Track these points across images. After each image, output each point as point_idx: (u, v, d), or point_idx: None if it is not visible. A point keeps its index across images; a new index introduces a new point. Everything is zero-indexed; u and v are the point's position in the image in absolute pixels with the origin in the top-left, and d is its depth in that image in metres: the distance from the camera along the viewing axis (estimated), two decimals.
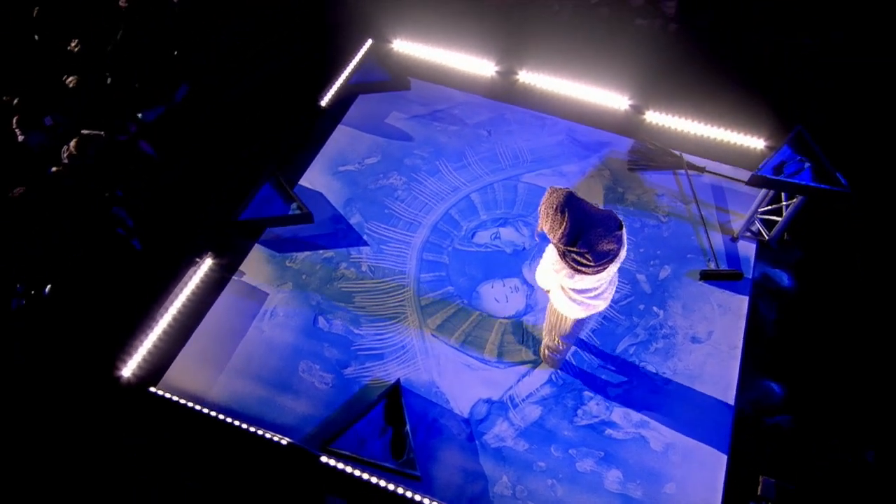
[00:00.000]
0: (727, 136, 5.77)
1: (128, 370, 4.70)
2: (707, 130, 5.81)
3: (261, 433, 4.44)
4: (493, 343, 4.86)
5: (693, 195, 5.58)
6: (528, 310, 5.01)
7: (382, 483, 4.25)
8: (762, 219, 5.28)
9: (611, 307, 4.97)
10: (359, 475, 4.28)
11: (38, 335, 4.85)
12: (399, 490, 4.22)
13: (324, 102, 6.25)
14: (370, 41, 6.67)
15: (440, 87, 6.46)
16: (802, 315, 4.95)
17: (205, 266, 5.22)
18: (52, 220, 5.10)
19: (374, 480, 4.27)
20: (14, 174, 5.38)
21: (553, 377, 4.69)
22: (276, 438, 4.42)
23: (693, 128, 5.86)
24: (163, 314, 4.95)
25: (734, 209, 5.51)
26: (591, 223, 3.29)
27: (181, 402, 4.57)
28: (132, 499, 4.35)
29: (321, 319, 5.00)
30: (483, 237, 5.42)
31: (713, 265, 5.17)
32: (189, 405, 4.55)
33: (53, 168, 5.38)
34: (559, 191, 3.34)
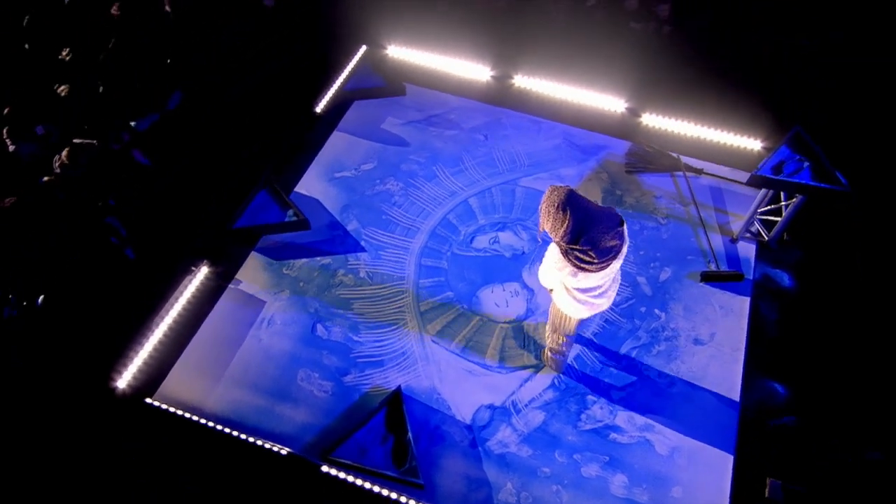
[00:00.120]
0: (724, 138, 5.77)
1: (123, 381, 4.61)
2: (703, 132, 5.81)
3: (260, 443, 4.36)
4: (495, 348, 4.81)
5: (691, 197, 5.56)
6: (529, 314, 4.96)
7: (385, 492, 4.18)
8: (761, 219, 5.26)
9: (612, 310, 4.93)
10: (361, 484, 4.20)
11: (32, 345, 4.76)
12: (402, 499, 4.15)
13: (319, 109, 6.21)
14: (364, 47, 6.65)
15: (435, 93, 6.44)
16: (804, 315, 4.92)
17: (200, 275, 5.15)
18: (44, 230, 5.02)
19: (377, 489, 4.19)
20: (5, 184, 5.30)
21: (556, 381, 4.64)
22: (276, 448, 4.34)
23: (689, 129, 5.86)
24: (158, 324, 4.87)
25: (733, 210, 5.50)
26: (593, 220, 3.27)
27: (178, 413, 4.48)
28: None
29: (319, 327, 4.94)
30: (482, 242, 5.38)
31: (713, 266, 5.14)
32: (186, 416, 4.47)
33: (45, 178, 5.31)
34: (560, 189, 3.31)
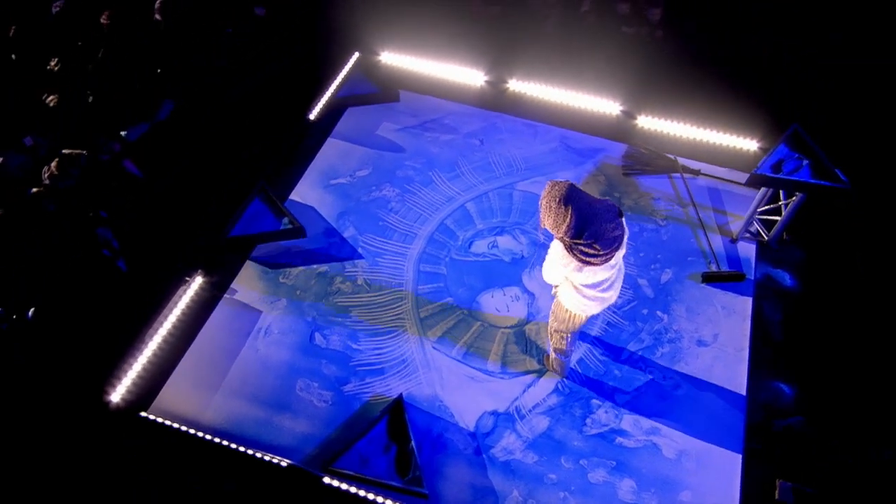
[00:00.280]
0: (720, 139, 5.76)
1: (117, 395, 4.50)
2: (699, 133, 5.80)
3: (259, 455, 4.25)
4: (496, 353, 4.73)
5: (690, 198, 5.53)
6: (530, 318, 4.90)
7: (388, 503, 4.08)
8: (761, 219, 5.24)
9: (614, 312, 4.88)
10: (363, 495, 4.10)
11: (23, 359, 4.63)
12: None
13: (312, 116, 6.15)
14: (357, 54, 6.61)
15: (429, 98, 6.40)
16: (807, 314, 4.89)
17: (195, 285, 5.05)
18: (34, 242, 4.92)
19: (380, 500, 4.09)
20: None
21: (559, 386, 4.57)
22: (276, 460, 4.23)
23: (685, 131, 5.84)
24: (152, 335, 4.76)
25: (731, 211, 5.48)
26: (595, 213, 3.26)
27: (174, 427, 4.37)
28: None
29: (318, 335, 4.85)
30: (480, 246, 5.32)
31: (714, 267, 5.11)
32: (183, 429, 4.36)
33: (34, 189, 5.20)
34: (560, 183, 3.27)
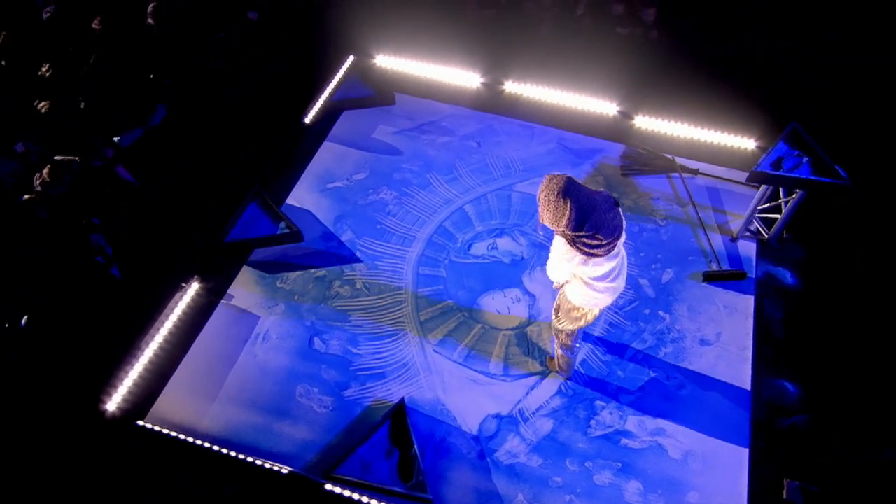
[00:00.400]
0: (717, 138, 5.75)
1: (112, 404, 4.42)
2: (697, 133, 5.78)
3: (259, 463, 4.17)
4: (498, 356, 4.68)
5: (689, 197, 5.51)
6: (532, 320, 4.85)
7: None
8: (760, 217, 5.23)
9: (616, 313, 4.84)
10: (366, 502, 4.03)
11: (15, 368, 4.54)
12: None
13: (308, 119, 6.10)
14: (352, 57, 6.57)
15: (425, 101, 6.36)
16: (809, 312, 4.86)
17: (191, 291, 4.98)
18: (25, 249, 4.84)
19: None
20: None
21: (563, 388, 4.52)
22: (276, 468, 4.15)
23: (683, 131, 5.83)
24: (148, 343, 4.69)
25: (731, 210, 5.46)
26: (594, 204, 3.24)
27: (171, 435, 4.29)
28: None
29: (317, 340, 4.78)
30: (480, 248, 5.27)
31: (715, 266, 5.08)
32: (180, 437, 4.27)
33: (25, 196, 5.12)
34: (558, 176, 3.24)
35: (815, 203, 5.04)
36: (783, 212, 5.01)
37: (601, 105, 6.06)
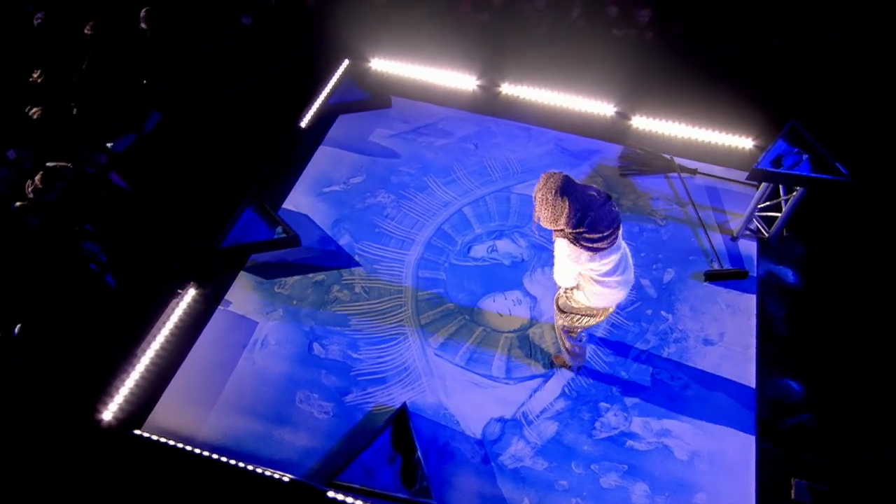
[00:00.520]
0: (715, 138, 5.74)
1: (109, 413, 4.33)
2: (694, 132, 5.78)
3: (260, 471, 4.09)
4: (500, 358, 4.63)
5: (688, 197, 5.49)
6: (534, 321, 4.80)
7: None
8: (761, 216, 5.21)
9: (618, 314, 4.80)
10: None
11: (9, 377, 4.45)
12: None
13: (303, 124, 6.05)
14: (347, 61, 6.53)
15: (422, 104, 6.33)
16: (811, 309, 4.84)
17: (188, 297, 4.90)
18: (18, 256, 4.76)
19: None
20: None
21: (566, 390, 4.47)
22: (277, 475, 4.08)
23: (680, 131, 5.82)
24: (145, 350, 4.60)
25: (730, 209, 5.44)
26: (590, 200, 3.24)
27: (169, 444, 4.20)
28: None
29: (316, 346, 4.71)
30: (479, 251, 5.22)
31: (717, 265, 5.05)
32: (178, 446, 4.19)
33: (17, 203, 5.04)
34: (555, 175, 3.23)
35: (815, 201, 5.03)
36: (783, 210, 4.99)
37: (598, 106, 6.04)
